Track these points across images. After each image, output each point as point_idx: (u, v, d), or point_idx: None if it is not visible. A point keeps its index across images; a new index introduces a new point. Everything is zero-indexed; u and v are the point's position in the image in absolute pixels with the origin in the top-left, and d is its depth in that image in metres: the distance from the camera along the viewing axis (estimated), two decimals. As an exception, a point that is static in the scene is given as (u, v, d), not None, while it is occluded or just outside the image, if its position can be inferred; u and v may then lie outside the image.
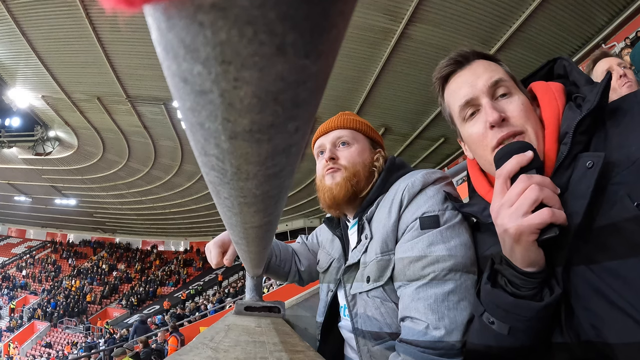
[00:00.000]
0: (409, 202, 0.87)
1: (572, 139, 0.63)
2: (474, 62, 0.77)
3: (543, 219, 0.55)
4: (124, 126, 14.07)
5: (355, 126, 1.04)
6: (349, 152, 1.00)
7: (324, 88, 0.15)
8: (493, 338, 0.64)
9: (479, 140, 0.73)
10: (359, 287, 0.90)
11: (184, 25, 0.10)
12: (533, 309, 0.58)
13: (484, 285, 0.65)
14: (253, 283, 1.02)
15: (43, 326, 20.44)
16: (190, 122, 0.15)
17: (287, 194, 0.25)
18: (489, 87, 0.72)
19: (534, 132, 0.68)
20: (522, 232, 0.56)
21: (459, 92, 0.76)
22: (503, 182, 0.61)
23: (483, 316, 0.65)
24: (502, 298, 0.61)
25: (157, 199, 21.42)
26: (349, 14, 0.12)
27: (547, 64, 0.80)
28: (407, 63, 9.28)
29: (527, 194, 0.57)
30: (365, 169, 0.99)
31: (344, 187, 0.96)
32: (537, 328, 0.61)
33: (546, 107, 0.71)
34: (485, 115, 0.71)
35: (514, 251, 0.59)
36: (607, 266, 0.54)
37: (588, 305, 0.56)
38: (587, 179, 0.58)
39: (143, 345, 7.77)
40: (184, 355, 0.42)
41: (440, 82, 0.81)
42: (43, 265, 27.29)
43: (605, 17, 8.06)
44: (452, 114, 0.79)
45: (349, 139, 1.01)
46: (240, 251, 0.48)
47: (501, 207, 0.60)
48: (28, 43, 9.78)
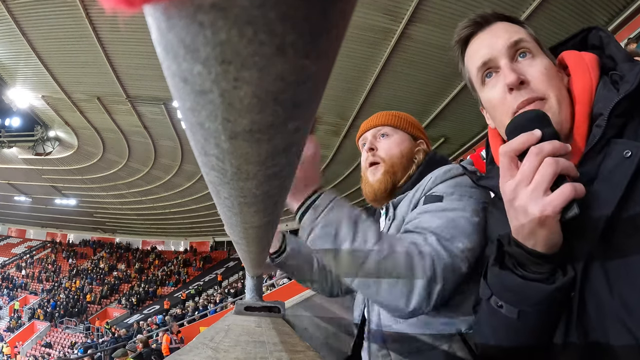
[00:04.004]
0: (430, 188, 0.90)
1: (607, 122, 0.58)
2: (495, 24, 0.72)
3: (566, 196, 0.51)
4: (124, 126, 14.06)
5: (394, 122, 1.07)
6: (387, 143, 1.04)
7: (324, 88, 0.14)
8: (501, 323, 0.61)
9: (498, 104, 0.68)
10: None
11: (184, 25, 0.10)
12: (544, 291, 0.55)
13: (492, 267, 0.61)
14: (253, 283, 1.02)
15: (43, 326, 20.44)
16: (190, 122, 0.15)
17: (287, 194, 0.25)
18: (508, 47, 0.67)
19: (556, 99, 0.64)
20: (547, 214, 0.52)
21: (477, 54, 0.72)
22: (510, 160, 0.56)
23: (491, 300, 0.62)
24: (512, 280, 0.58)
25: (157, 199, 21.40)
26: (349, 14, 0.12)
27: (581, 33, 0.73)
28: (407, 63, 9.27)
29: (544, 169, 0.52)
30: (403, 159, 1.02)
31: (383, 182, 1.00)
32: (548, 316, 0.58)
33: (578, 79, 0.66)
34: (504, 77, 0.66)
35: (536, 234, 0.54)
36: (628, 262, 0.53)
37: (600, 302, 0.55)
38: (624, 168, 0.54)
39: (143, 345, 7.78)
40: (184, 355, 0.42)
41: (460, 45, 0.76)
42: (43, 265, 27.27)
43: (605, 17, 8.06)
44: (471, 78, 0.75)
45: (389, 131, 1.05)
46: (240, 251, 0.48)
47: (517, 186, 0.54)
48: (28, 43, 9.78)
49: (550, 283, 0.56)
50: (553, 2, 7.53)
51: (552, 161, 0.52)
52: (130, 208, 24.06)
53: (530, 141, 0.55)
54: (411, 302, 0.73)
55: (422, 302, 0.73)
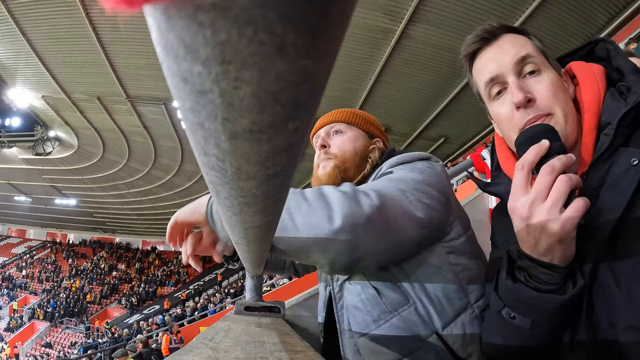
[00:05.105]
0: (384, 173, 0.87)
1: (615, 131, 0.61)
2: (501, 38, 0.73)
3: (582, 211, 0.54)
4: (124, 126, 14.07)
5: (348, 118, 1.04)
6: (340, 139, 1.00)
7: (324, 88, 0.14)
8: (514, 332, 0.63)
9: (506, 120, 0.71)
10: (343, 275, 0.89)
11: (184, 25, 0.10)
12: (557, 301, 0.58)
13: (504, 281, 0.63)
14: (253, 283, 1.02)
15: (43, 326, 20.45)
16: (190, 122, 0.15)
17: (287, 194, 0.25)
18: (515, 63, 0.69)
19: (562, 113, 0.66)
20: (568, 230, 0.54)
21: (484, 69, 0.73)
22: (526, 175, 0.59)
23: (503, 311, 0.64)
24: (525, 292, 0.60)
25: (157, 199, 21.40)
26: (349, 14, 0.12)
27: (588, 45, 0.76)
28: (407, 63, 9.28)
29: (559, 187, 0.55)
30: (356, 157, 0.98)
31: (332, 177, 0.96)
32: (559, 322, 0.60)
33: (587, 89, 0.68)
34: (511, 95, 0.69)
35: (553, 250, 0.57)
36: (635, 264, 0.54)
37: (609, 301, 0.57)
38: (630, 175, 0.56)
39: (143, 346, 7.78)
40: (184, 356, 0.42)
41: (468, 59, 0.78)
42: (43, 265, 27.28)
43: (605, 17, 8.05)
44: (479, 91, 0.77)
45: (343, 128, 1.02)
46: (240, 251, 0.48)
47: (532, 203, 0.56)
48: (28, 43, 9.78)
49: (562, 293, 0.58)
50: (553, 2, 7.52)
51: (567, 179, 0.55)
52: (130, 208, 24.06)
53: (541, 152, 0.58)
54: (334, 218, 0.68)
55: (349, 214, 0.68)
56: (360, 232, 0.69)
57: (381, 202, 0.71)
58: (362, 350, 0.83)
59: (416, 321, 0.80)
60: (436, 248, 0.83)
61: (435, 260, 0.82)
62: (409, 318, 0.80)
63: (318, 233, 0.68)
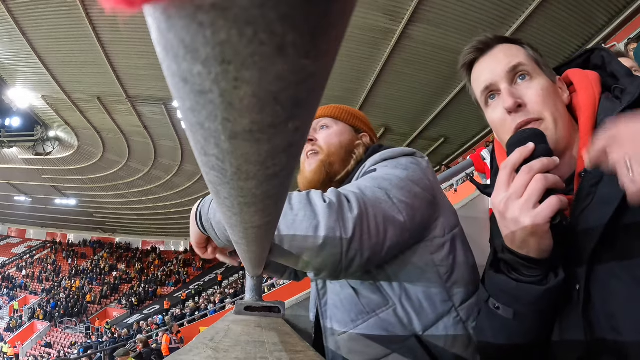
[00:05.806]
0: (368, 171, 0.87)
1: None
2: (495, 48, 0.78)
3: (554, 207, 0.57)
4: (124, 126, 14.07)
5: (334, 113, 1.06)
6: (326, 133, 1.02)
7: (324, 88, 0.15)
8: (499, 323, 0.67)
9: (499, 125, 0.75)
10: None
11: (184, 25, 0.10)
12: (536, 292, 0.61)
13: (488, 271, 0.68)
14: (253, 283, 1.02)
15: (43, 326, 20.44)
16: (190, 122, 0.15)
17: (287, 194, 0.25)
18: (508, 71, 0.73)
19: (552, 118, 0.69)
20: (538, 224, 0.58)
21: (480, 78, 0.78)
22: (508, 175, 0.62)
23: (489, 302, 0.68)
24: (506, 283, 0.64)
25: (157, 199, 21.41)
26: (349, 14, 0.12)
27: (585, 54, 0.81)
28: (407, 63, 9.28)
29: (534, 184, 0.58)
30: (342, 151, 0.99)
31: (317, 173, 0.97)
32: (543, 314, 0.63)
33: (583, 93, 0.71)
34: (503, 101, 0.73)
35: (527, 242, 0.60)
36: (632, 259, 0.56)
37: (608, 300, 0.58)
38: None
39: (143, 345, 7.78)
40: (184, 356, 0.42)
41: (465, 69, 0.83)
42: (43, 265, 27.27)
43: (605, 17, 8.06)
44: (477, 98, 0.82)
45: (329, 123, 1.04)
46: (240, 251, 0.48)
47: (508, 199, 0.60)
48: (28, 43, 9.78)
49: (542, 285, 0.61)
50: (553, 2, 7.52)
51: (542, 177, 0.58)
52: (130, 208, 24.07)
53: (524, 154, 0.61)
54: (320, 228, 0.68)
55: (334, 226, 0.68)
56: (345, 246, 0.69)
57: (364, 210, 0.71)
58: (342, 348, 0.84)
59: (394, 323, 0.80)
60: (419, 247, 0.82)
61: (418, 261, 0.81)
62: (387, 319, 0.80)
63: (302, 244, 0.68)
